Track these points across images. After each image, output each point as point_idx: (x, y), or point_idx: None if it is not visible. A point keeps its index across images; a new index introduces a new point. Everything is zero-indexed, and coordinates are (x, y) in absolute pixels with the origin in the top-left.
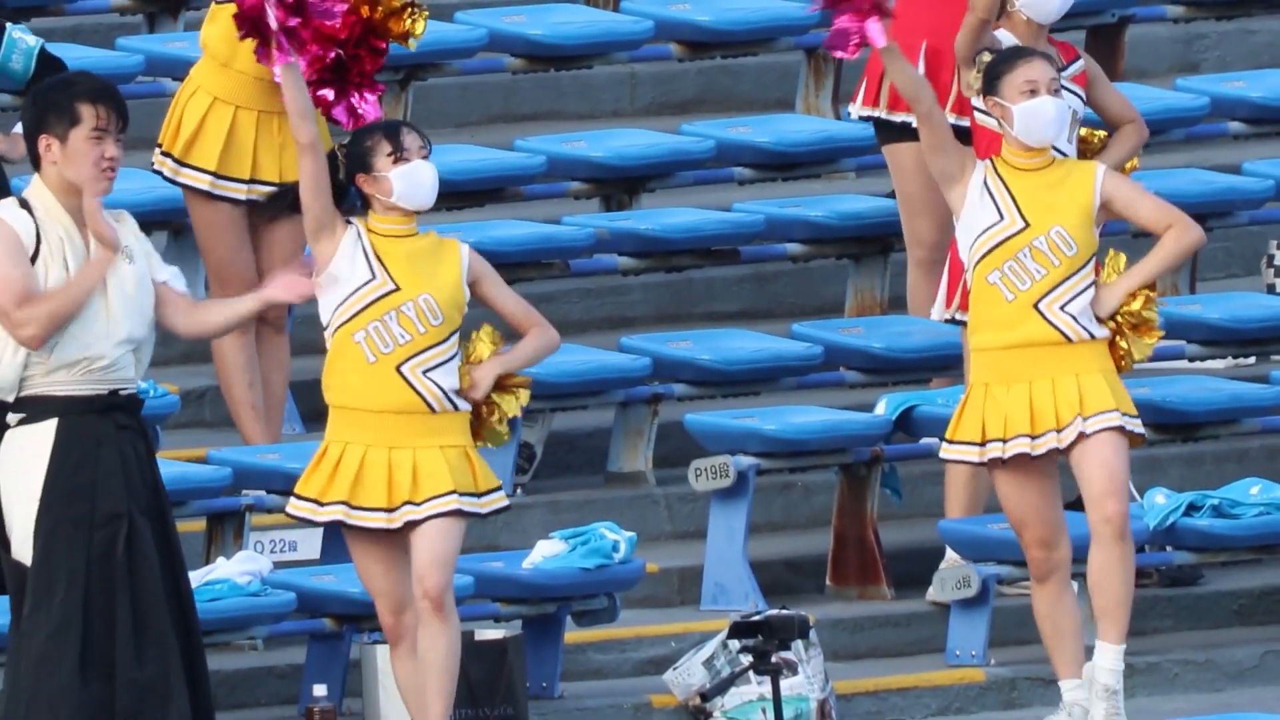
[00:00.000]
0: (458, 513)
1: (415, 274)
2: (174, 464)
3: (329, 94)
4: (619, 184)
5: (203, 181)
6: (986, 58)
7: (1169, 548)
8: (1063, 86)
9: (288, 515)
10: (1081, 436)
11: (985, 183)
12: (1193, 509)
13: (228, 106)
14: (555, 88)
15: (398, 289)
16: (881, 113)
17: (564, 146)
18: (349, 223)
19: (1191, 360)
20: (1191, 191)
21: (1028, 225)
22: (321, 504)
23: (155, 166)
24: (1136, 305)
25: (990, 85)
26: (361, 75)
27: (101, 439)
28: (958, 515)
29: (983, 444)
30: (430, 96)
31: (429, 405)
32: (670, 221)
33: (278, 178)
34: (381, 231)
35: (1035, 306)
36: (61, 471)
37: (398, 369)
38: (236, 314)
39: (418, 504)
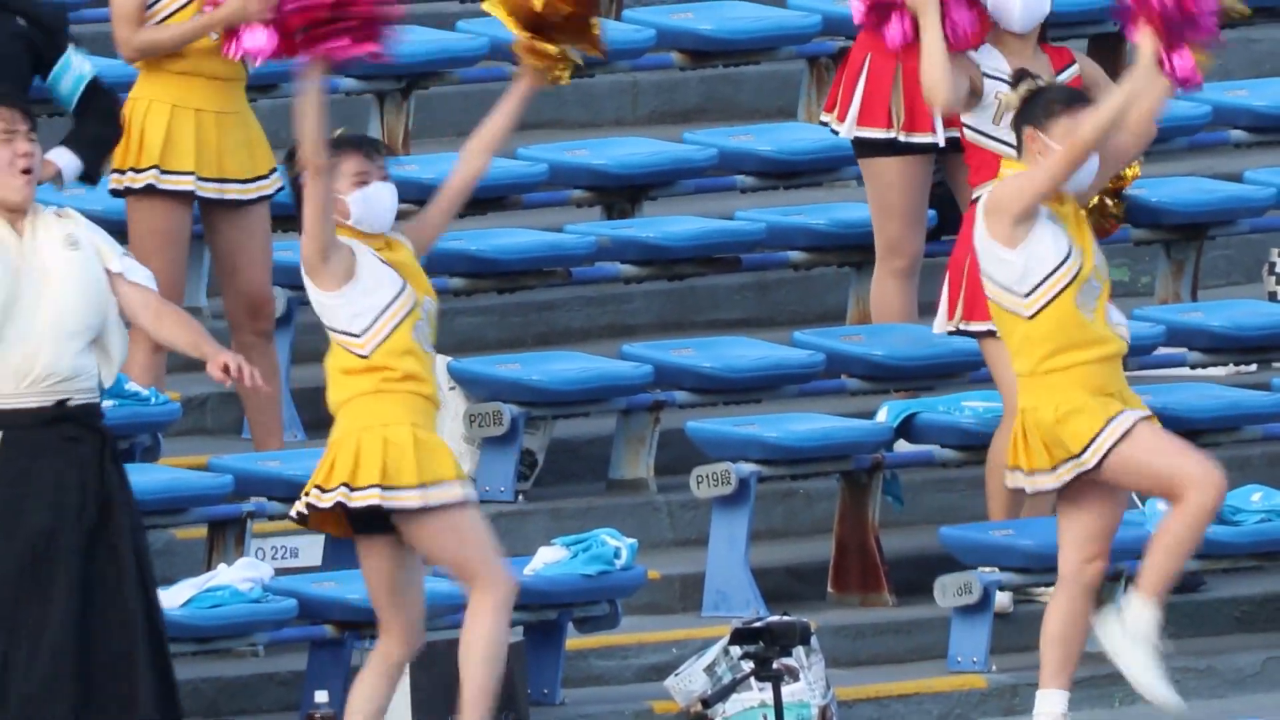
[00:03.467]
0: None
1: (411, 278)
2: (175, 471)
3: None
4: (621, 192)
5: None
6: (1028, 82)
7: None
8: None
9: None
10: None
11: (1045, 213)
12: None
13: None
14: (557, 96)
15: (411, 291)
16: (856, 129)
17: (566, 155)
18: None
19: (1193, 368)
20: (1193, 200)
21: (1082, 250)
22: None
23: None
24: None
25: (1036, 118)
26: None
27: (39, 453)
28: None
29: (1053, 469)
30: (433, 105)
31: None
32: (672, 230)
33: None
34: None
35: (1106, 321)
36: None
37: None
38: (187, 347)
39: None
